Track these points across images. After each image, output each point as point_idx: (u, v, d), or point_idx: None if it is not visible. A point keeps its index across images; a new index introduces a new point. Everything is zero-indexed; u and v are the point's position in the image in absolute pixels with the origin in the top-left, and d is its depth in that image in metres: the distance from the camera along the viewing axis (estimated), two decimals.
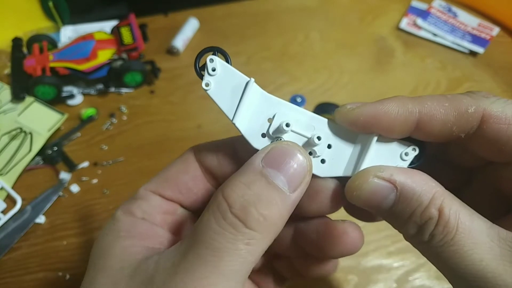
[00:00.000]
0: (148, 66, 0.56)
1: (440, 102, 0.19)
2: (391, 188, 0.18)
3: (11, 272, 0.40)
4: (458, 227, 0.17)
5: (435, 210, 0.17)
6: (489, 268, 0.16)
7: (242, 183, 0.18)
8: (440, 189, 0.18)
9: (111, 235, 0.21)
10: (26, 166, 0.47)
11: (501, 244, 0.16)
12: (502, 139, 0.18)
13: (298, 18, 0.66)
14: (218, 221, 0.18)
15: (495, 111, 0.18)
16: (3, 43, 0.57)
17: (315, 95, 0.55)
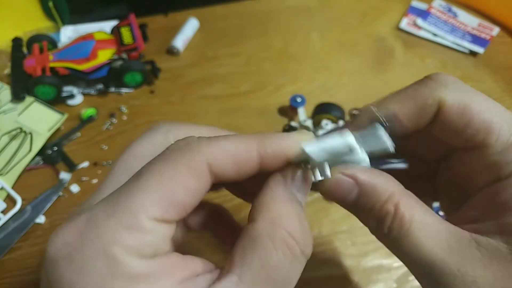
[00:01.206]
0: (148, 66, 0.56)
1: (404, 102, 0.20)
2: (353, 184, 0.20)
3: (11, 272, 0.40)
4: (412, 222, 0.19)
5: (391, 206, 0.19)
6: (438, 257, 0.18)
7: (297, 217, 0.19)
8: (398, 188, 0.20)
9: (121, 281, 0.16)
10: (26, 166, 0.47)
11: (448, 237, 0.18)
12: (458, 127, 0.19)
13: (298, 18, 0.66)
14: (288, 258, 0.18)
15: (451, 100, 0.19)
16: (3, 43, 0.57)
17: (315, 95, 0.55)
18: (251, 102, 0.55)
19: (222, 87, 0.56)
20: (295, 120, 0.51)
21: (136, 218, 0.16)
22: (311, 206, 0.44)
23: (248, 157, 0.19)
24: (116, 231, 0.16)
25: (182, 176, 0.17)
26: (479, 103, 0.19)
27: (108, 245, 0.16)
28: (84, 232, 0.16)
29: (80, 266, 0.16)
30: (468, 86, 0.20)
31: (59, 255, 0.16)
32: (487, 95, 0.20)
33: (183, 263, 0.18)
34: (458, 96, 0.19)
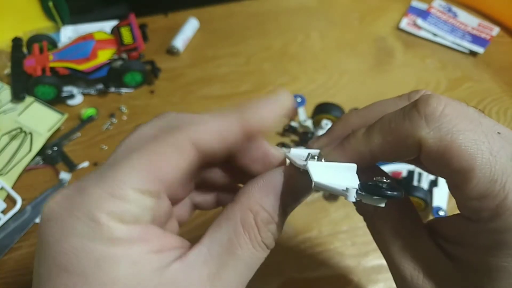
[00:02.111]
0: (148, 66, 0.56)
1: (385, 137, 0.20)
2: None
3: (11, 272, 0.40)
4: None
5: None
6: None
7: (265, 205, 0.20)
8: None
9: (101, 244, 0.17)
10: (26, 166, 0.47)
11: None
12: (438, 168, 0.19)
13: (298, 18, 0.66)
14: (253, 241, 0.19)
15: (431, 141, 0.18)
16: (3, 43, 0.57)
17: (315, 95, 0.55)
18: None
19: (222, 87, 0.56)
20: (295, 120, 0.51)
21: (120, 188, 0.18)
22: (311, 206, 0.44)
23: (231, 131, 0.20)
24: (101, 198, 0.17)
25: (166, 153, 0.19)
26: (461, 146, 0.18)
27: (92, 209, 0.17)
28: (73, 197, 0.18)
29: (66, 225, 0.17)
30: (461, 119, 0.18)
31: (49, 216, 0.18)
32: (486, 95, 0.19)
33: (161, 236, 0.19)
34: (438, 138, 0.18)
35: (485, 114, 0.20)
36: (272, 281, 0.39)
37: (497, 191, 0.17)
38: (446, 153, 0.18)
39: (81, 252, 0.17)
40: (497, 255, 0.17)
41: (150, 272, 0.18)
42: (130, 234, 0.18)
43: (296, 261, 0.40)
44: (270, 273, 0.40)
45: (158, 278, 0.18)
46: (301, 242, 0.42)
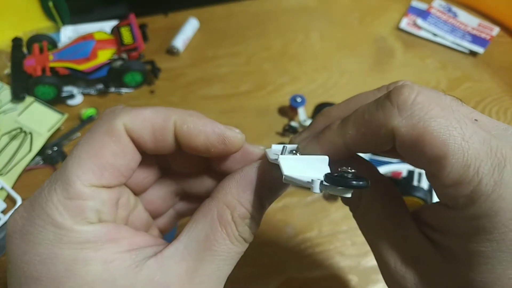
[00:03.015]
0: (148, 66, 0.56)
1: (359, 128, 0.19)
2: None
3: None
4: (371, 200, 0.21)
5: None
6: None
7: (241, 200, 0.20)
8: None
9: (69, 248, 0.17)
10: (26, 166, 0.47)
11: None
12: (412, 156, 0.19)
13: (298, 18, 0.66)
14: (230, 236, 0.19)
15: (403, 130, 0.18)
16: (3, 43, 0.57)
17: (315, 95, 0.55)
18: (251, 102, 0.55)
19: (222, 87, 0.56)
20: (295, 120, 0.51)
21: (73, 187, 0.18)
22: (311, 206, 0.44)
23: (164, 126, 0.20)
24: (59, 202, 0.17)
25: (105, 141, 0.19)
26: (433, 132, 0.17)
27: (53, 215, 0.17)
28: (32, 207, 0.18)
29: (31, 236, 0.17)
30: (433, 107, 0.18)
31: (13, 228, 0.18)
32: (486, 95, 0.19)
33: (133, 234, 0.19)
34: (411, 126, 0.18)
35: (485, 114, 0.19)
36: (272, 281, 0.39)
37: (471, 176, 0.17)
38: (419, 141, 0.18)
39: (49, 259, 0.17)
40: (476, 241, 0.17)
41: (124, 271, 0.17)
42: (97, 234, 0.18)
43: (296, 261, 0.40)
44: (270, 273, 0.40)
45: (134, 276, 0.18)
46: (301, 242, 0.42)
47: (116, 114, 0.20)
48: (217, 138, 0.21)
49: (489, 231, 0.17)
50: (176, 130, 0.21)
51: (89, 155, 0.18)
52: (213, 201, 0.20)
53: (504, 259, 0.17)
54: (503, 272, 0.17)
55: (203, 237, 0.19)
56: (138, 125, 0.20)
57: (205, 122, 0.21)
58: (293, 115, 0.52)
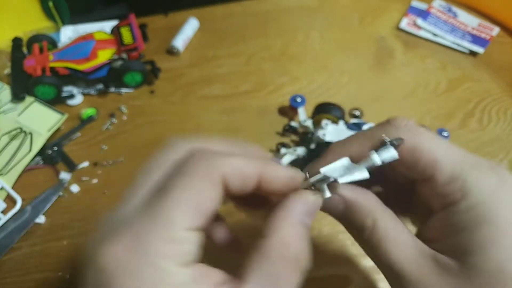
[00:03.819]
0: (148, 66, 0.56)
1: (362, 143, 0.24)
2: (340, 200, 0.24)
3: (11, 272, 0.40)
4: (386, 236, 0.23)
5: (370, 221, 0.23)
6: (404, 267, 0.22)
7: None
8: (377, 204, 0.24)
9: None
10: (26, 166, 0.47)
11: (414, 252, 0.22)
12: (409, 163, 0.23)
13: (298, 18, 0.66)
14: (296, 273, 0.21)
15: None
16: (3, 43, 0.57)
17: (315, 95, 0.55)
18: (251, 102, 0.55)
19: (222, 87, 0.56)
20: (295, 120, 0.51)
21: (174, 231, 0.19)
22: None
23: (253, 176, 0.21)
24: (160, 245, 0.18)
25: (206, 189, 0.20)
26: (426, 143, 0.22)
27: (155, 258, 0.18)
28: (133, 247, 0.18)
29: (135, 276, 0.18)
30: (419, 128, 0.23)
31: (112, 266, 0.18)
32: (486, 95, 0.21)
33: (210, 272, 0.20)
34: (407, 137, 0.22)
35: (485, 114, 0.21)
36: None
37: (459, 173, 0.21)
38: (416, 149, 0.22)
39: None
40: (476, 231, 0.20)
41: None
42: (193, 275, 0.19)
43: None
44: None
45: None
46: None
47: (213, 162, 0.21)
48: (289, 182, 0.23)
49: (486, 216, 0.20)
50: (259, 179, 0.22)
51: (188, 200, 0.19)
52: (269, 240, 0.21)
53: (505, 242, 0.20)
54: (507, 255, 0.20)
55: (270, 279, 0.20)
56: (233, 175, 0.21)
57: (281, 170, 0.23)
58: (293, 115, 0.52)
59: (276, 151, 0.49)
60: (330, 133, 0.45)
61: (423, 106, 0.55)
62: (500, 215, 0.20)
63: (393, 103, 0.55)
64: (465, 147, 0.52)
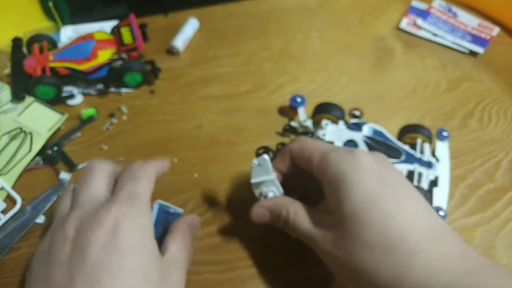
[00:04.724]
0: (148, 66, 0.56)
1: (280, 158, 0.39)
2: (264, 210, 0.36)
3: (11, 272, 0.40)
4: (295, 217, 0.33)
5: (285, 211, 0.34)
6: (309, 233, 0.32)
7: None
8: (288, 200, 0.35)
9: None
10: (26, 166, 0.47)
11: (313, 221, 0.33)
12: (297, 159, 0.37)
13: (298, 18, 0.66)
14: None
15: (292, 147, 0.37)
16: (3, 43, 0.57)
17: (315, 95, 0.55)
18: (251, 102, 0.55)
19: (222, 87, 0.56)
20: (295, 120, 0.51)
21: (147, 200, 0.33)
22: None
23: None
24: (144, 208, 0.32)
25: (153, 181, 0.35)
26: (307, 144, 0.36)
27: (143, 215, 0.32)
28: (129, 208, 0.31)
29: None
30: (305, 138, 0.38)
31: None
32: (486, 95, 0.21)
33: None
34: (296, 144, 0.37)
35: (485, 114, 0.21)
36: (272, 280, 0.39)
37: (324, 156, 0.33)
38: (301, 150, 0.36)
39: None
40: (335, 193, 0.31)
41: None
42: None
43: (296, 261, 0.40)
44: (271, 272, 0.40)
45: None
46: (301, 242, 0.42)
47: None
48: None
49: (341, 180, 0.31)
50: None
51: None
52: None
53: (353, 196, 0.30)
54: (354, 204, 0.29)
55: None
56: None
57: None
58: (293, 115, 0.52)
59: (276, 151, 0.49)
60: (330, 133, 0.45)
61: (423, 106, 0.55)
62: (350, 177, 0.30)
63: (393, 103, 0.55)
64: (465, 147, 0.52)
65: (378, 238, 0.27)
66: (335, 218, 0.30)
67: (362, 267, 0.28)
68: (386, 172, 0.31)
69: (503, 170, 0.48)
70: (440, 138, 0.48)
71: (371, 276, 0.27)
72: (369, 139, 0.45)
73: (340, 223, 0.30)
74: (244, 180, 0.47)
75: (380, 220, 0.28)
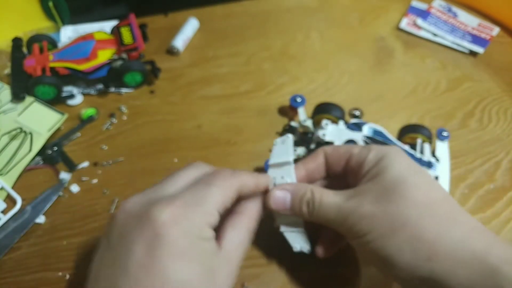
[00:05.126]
0: (148, 66, 0.56)
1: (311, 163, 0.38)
2: (286, 192, 0.35)
3: (11, 272, 0.40)
4: (321, 198, 0.33)
5: (309, 193, 0.34)
6: (343, 207, 0.32)
7: None
8: (311, 185, 0.35)
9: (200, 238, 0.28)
10: (26, 166, 0.47)
11: (346, 195, 0.33)
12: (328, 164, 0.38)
13: (298, 18, 0.66)
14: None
15: (329, 149, 0.38)
16: (3, 43, 0.57)
17: (315, 95, 0.55)
18: (251, 102, 0.55)
19: (222, 87, 0.56)
20: (295, 120, 0.51)
21: (208, 207, 0.29)
22: None
23: (251, 186, 0.33)
24: (199, 211, 0.28)
25: (229, 192, 0.31)
26: (356, 149, 0.36)
27: (195, 218, 0.28)
28: (182, 208, 0.28)
29: (182, 227, 0.27)
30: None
31: (168, 219, 0.27)
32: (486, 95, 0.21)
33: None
34: (343, 149, 0.37)
35: (485, 114, 0.21)
36: (272, 281, 0.39)
37: (364, 147, 0.35)
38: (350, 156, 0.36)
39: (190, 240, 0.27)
40: (380, 163, 0.33)
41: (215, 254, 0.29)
42: (212, 235, 0.29)
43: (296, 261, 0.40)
44: (271, 272, 0.40)
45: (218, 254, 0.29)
46: None
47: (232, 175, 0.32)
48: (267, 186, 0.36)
49: (385, 154, 0.33)
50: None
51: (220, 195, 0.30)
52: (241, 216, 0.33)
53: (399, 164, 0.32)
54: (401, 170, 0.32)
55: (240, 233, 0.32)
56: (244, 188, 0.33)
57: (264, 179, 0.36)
58: (293, 115, 0.52)
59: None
60: (330, 133, 0.45)
61: (423, 106, 0.55)
62: (392, 154, 0.33)
63: (393, 103, 0.55)
64: (465, 147, 0.52)
65: (424, 198, 0.30)
66: (374, 184, 0.32)
67: (405, 221, 0.29)
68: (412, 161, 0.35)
69: (503, 170, 0.48)
70: (440, 138, 0.48)
71: (413, 228, 0.29)
72: (369, 139, 0.45)
73: (381, 185, 0.31)
74: None
75: (424, 184, 0.31)
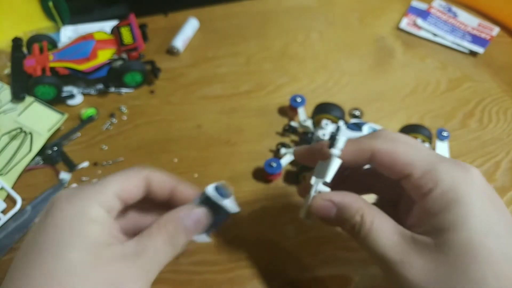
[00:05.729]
0: (148, 66, 0.56)
1: (350, 146, 0.30)
2: (332, 205, 0.29)
3: None
4: (372, 226, 0.27)
5: (359, 217, 0.28)
6: (388, 250, 0.26)
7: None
8: (363, 202, 0.28)
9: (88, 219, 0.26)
10: (26, 166, 0.47)
11: (396, 236, 0.27)
12: (388, 164, 0.28)
13: (298, 18, 0.66)
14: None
15: (380, 147, 0.28)
16: (3, 43, 0.57)
17: (315, 95, 0.55)
18: (251, 102, 0.55)
19: (222, 87, 0.56)
20: (295, 120, 0.51)
21: (106, 190, 0.27)
22: None
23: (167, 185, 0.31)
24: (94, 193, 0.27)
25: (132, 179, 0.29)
26: (402, 148, 0.28)
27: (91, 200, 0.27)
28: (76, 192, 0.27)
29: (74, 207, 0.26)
30: (398, 136, 0.29)
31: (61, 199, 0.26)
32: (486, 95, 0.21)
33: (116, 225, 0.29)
34: (386, 145, 0.28)
35: (485, 114, 0.22)
36: (272, 281, 0.39)
37: (431, 168, 0.26)
38: (393, 153, 0.28)
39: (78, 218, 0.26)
40: (445, 213, 0.25)
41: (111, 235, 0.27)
42: (104, 217, 0.27)
43: (296, 261, 0.40)
44: (271, 273, 0.40)
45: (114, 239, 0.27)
46: (301, 242, 0.42)
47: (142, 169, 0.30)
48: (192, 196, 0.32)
49: (456, 199, 0.25)
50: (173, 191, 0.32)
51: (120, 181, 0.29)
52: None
53: (472, 220, 0.24)
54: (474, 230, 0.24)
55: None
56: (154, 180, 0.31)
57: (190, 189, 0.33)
58: (293, 115, 0.52)
59: (276, 151, 0.49)
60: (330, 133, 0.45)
61: (423, 106, 0.55)
62: (467, 198, 0.25)
63: (393, 103, 0.55)
64: (465, 147, 0.52)
65: (494, 282, 0.23)
66: (436, 242, 0.25)
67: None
68: (494, 194, 0.27)
69: (503, 170, 0.48)
70: (440, 138, 0.48)
71: None
72: None
73: (443, 250, 0.24)
74: (244, 180, 0.47)
75: (498, 260, 0.24)
